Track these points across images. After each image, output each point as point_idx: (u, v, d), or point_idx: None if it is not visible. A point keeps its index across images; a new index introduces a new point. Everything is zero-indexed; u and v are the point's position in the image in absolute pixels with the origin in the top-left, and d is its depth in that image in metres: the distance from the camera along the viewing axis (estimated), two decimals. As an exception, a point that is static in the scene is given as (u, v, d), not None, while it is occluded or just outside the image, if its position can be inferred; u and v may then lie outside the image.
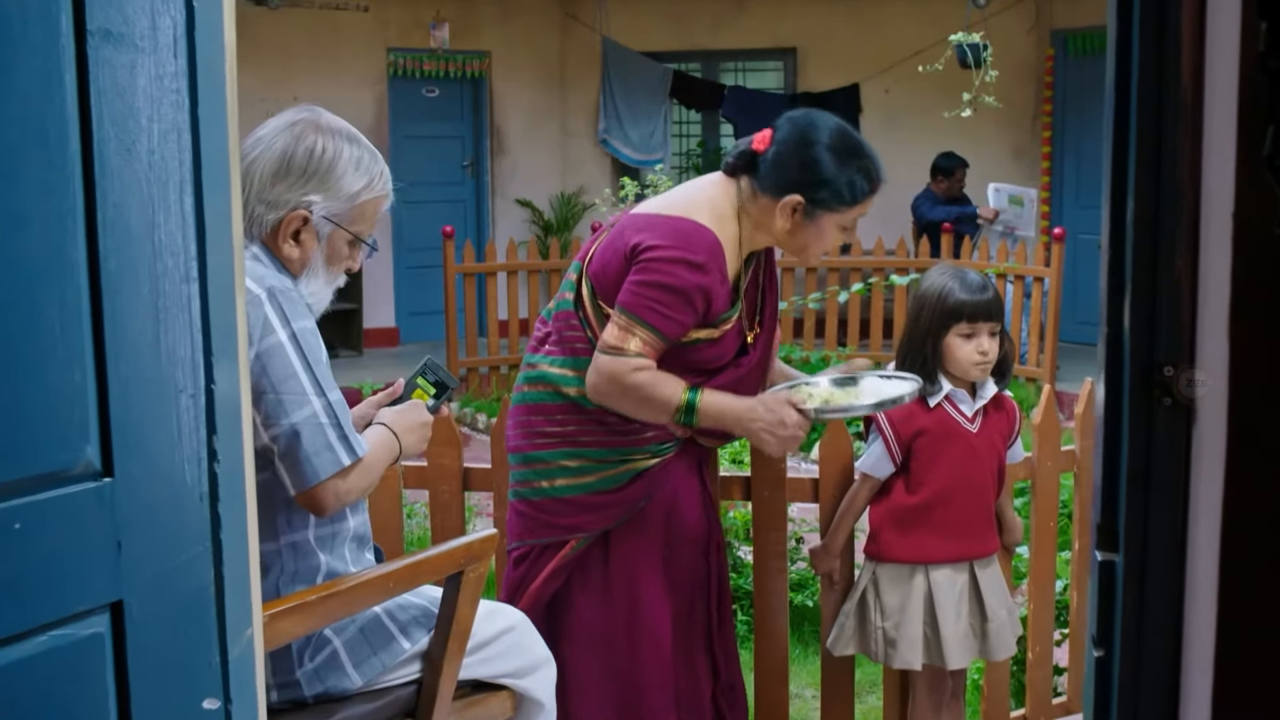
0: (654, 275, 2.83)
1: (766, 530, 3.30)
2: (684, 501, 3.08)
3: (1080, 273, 10.40)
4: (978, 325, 3.05)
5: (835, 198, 2.88)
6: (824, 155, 2.86)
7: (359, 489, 2.29)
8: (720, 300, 2.89)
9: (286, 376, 2.22)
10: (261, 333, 2.21)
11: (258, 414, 2.21)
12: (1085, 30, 10.52)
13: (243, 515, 1.64)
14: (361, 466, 2.29)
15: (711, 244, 2.86)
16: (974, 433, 3.12)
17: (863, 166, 2.89)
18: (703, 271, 2.83)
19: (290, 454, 2.22)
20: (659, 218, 2.91)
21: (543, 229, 11.42)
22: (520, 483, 3.07)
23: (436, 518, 3.49)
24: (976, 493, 3.12)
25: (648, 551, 3.04)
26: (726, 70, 11.77)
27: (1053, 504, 3.55)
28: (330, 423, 2.25)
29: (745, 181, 2.94)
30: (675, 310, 2.83)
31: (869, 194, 2.91)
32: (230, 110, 1.65)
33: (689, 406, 2.87)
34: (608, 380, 2.86)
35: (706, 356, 2.95)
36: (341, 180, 2.38)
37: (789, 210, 2.89)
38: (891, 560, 3.12)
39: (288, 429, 2.22)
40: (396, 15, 10.81)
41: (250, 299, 2.21)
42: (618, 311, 2.86)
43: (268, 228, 2.36)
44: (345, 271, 2.48)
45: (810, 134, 2.88)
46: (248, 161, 2.35)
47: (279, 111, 2.45)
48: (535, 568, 3.06)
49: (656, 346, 2.85)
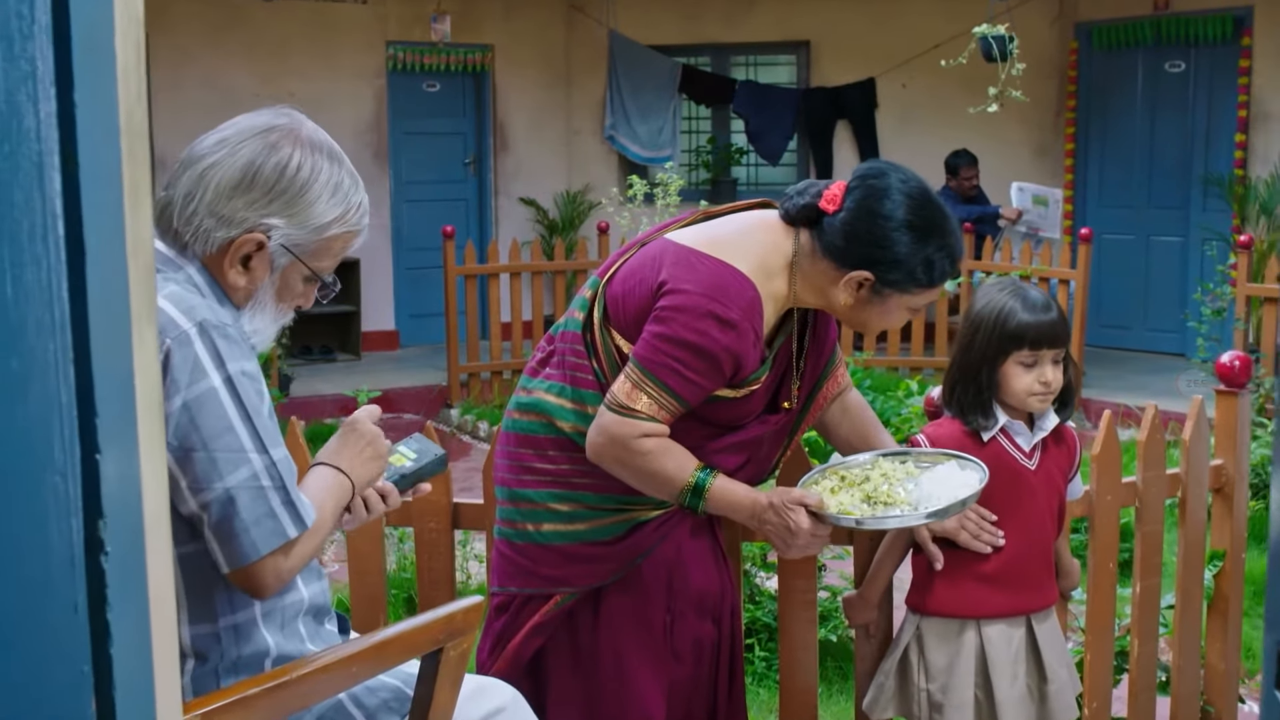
0: (678, 330, 2.45)
1: (793, 577, 2.92)
2: (691, 560, 2.69)
3: (1105, 274, 10.03)
4: (1041, 352, 2.68)
5: (910, 280, 2.51)
6: (900, 233, 2.47)
7: (305, 559, 1.92)
8: (750, 362, 2.52)
9: (220, 430, 1.85)
10: (190, 377, 1.84)
11: (184, 477, 1.84)
12: (1111, 23, 10.15)
13: (144, 617, 1.27)
14: (309, 534, 1.92)
15: (750, 300, 2.48)
16: (1032, 470, 2.74)
17: (945, 245, 2.51)
18: (734, 331, 2.45)
19: (224, 524, 1.85)
20: (697, 256, 2.51)
21: (547, 229, 11.10)
22: (505, 521, 2.71)
23: (422, 558, 3.12)
24: (1035, 537, 2.75)
25: (642, 617, 2.67)
26: (738, 64, 11.42)
27: (1113, 543, 3.17)
28: (273, 485, 1.88)
29: (806, 236, 2.55)
30: (698, 374, 2.46)
31: (948, 277, 2.55)
32: (127, 103, 1.28)
33: (697, 489, 2.52)
34: (609, 441, 2.49)
35: (725, 416, 2.59)
36: (313, 206, 2.00)
37: (854, 285, 2.52)
38: (938, 614, 2.74)
39: (221, 494, 1.85)
40: (396, 8, 10.48)
41: (176, 336, 1.84)
42: (632, 365, 2.49)
43: (214, 246, 1.98)
44: (295, 309, 2.10)
45: (886, 204, 2.48)
46: (204, 165, 1.97)
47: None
48: (516, 621, 2.69)
49: (671, 410, 2.48)
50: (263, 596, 1.90)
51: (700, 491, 2.52)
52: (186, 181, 1.97)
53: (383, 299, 10.64)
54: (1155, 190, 10.18)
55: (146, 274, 1.32)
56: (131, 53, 1.32)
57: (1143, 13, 9.95)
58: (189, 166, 1.98)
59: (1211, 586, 3.40)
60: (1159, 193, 10.16)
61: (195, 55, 9.72)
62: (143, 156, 1.31)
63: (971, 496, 2.50)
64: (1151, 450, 3.19)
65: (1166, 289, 10.06)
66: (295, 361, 9.44)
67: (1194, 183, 9.87)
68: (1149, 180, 10.21)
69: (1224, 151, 9.66)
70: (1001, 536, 2.70)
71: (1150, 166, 10.19)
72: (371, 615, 3.13)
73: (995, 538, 2.69)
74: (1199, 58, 9.85)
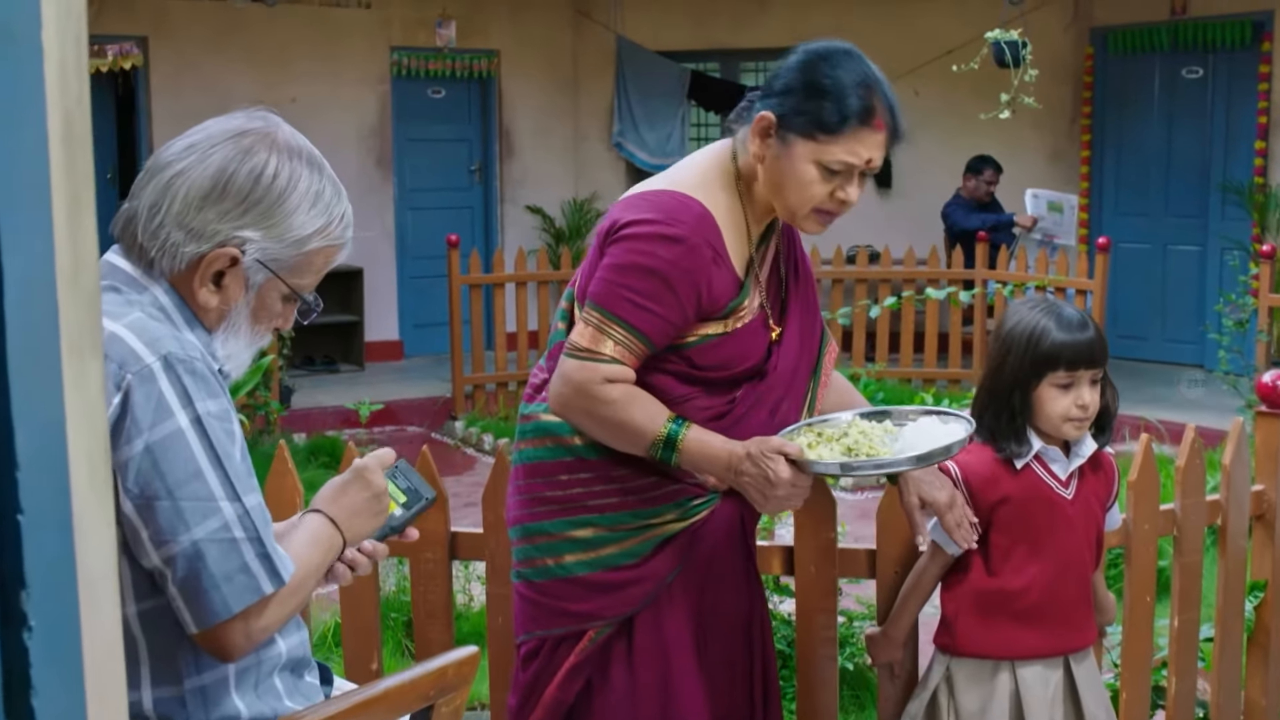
0: (623, 256, 2.29)
1: (813, 612, 2.74)
2: (721, 571, 2.50)
3: (1121, 284, 9.85)
4: (1078, 373, 2.50)
5: (806, 115, 2.28)
6: (809, 64, 2.30)
7: (280, 619, 1.74)
8: (721, 284, 2.34)
9: (187, 476, 1.66)
10: (153, 417, 1.66)
11: (145, 528, 1.66)
12: (1127, 28, 9.98)
13: (78, 699, 1.10)
14: (285, 592, 1.74)
15: (698, 215, 2.31)
16: (1068, 499, 2.56)
17: (856, 87, 2.28)
18: (683, 246, 2.27)
19: (191, 581, 1.67)
20: (638, 194, 2.40)
21: (553, 237, 10.94)
22: (523, 561, 2.51)
23: (418, 589, 2.95)
24: (1072, 571, 2.57)
25: (679, 636, 2.48)
26: (747, 70, 11.26)
27: (1150, 575, 2.99)
28: (246, 536, 1.69)
29: (742, 131, 2.41)
30: (653, 300, 2.27)
31: (857, 123, 2.27)
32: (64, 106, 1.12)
33: (669, 441, 2.31)
34: (574, 391, 2.31)
35: (722, 357, 2.38)
36: (291, 217, 1.81)
37: (760, 130, 2.33)
38: (970, 654, 2.56)
39: (187, 547, 1.66)
40: (400, 12, 10.33)
41: (138, 371, 1.66)
42: (588, 306, 2.32)
43: (183, 263, 1.79)
44: (274, 330, 1.92)
45: (815, 50, 2.34)
46: (171, 173, 1.78)
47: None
48: (550, 666, 2.49)
49: (635, 350, 2.30)
50: (231, 660, 1.72)
51: (673, 444, 2.31)
52: (152, 191, 1.79)
53: (386, 308, 10.49)
54: (1172, 198, 10.00)
55: (89, 301, 1.16)
56: (70, 49, 1.16)
57: (1159, 18, 9.78)
58: (155, 174, 1.80)
59: (1252, 618, 3.22)
60: (1176, 201, 9.98)
61: (195, 61, 9.57)
62: (84, 168, 1.15)
63: (958, 443, 2.31)
64: (1191, 476, 3.01)
65: (1184, 299, 9.88)
66: (297, 372, 9.27)
67: (1212, 191, 9.69)
68: (1166, 188, 10.03)
69: (1243, 159, 9.48)
70: (975, 540, 2.52)
71: (1167, 174, 10.02)
72: (364, 649, 2.96)
73: (971, 535, 2.50)
74: (1217, 63, 9.67)
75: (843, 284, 9.12)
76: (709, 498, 2.44)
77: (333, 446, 7.57)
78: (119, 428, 1.63)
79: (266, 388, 7.45)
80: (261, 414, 7.36)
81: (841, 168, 2.30)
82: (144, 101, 9.66)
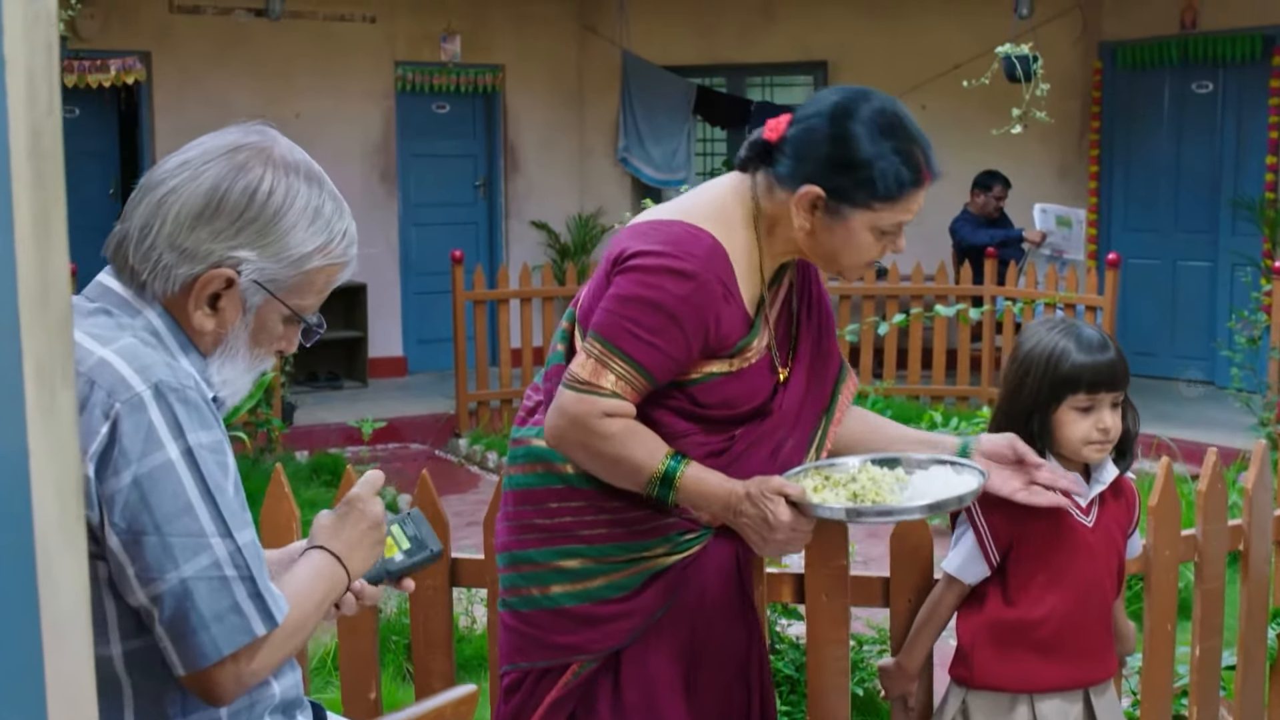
0: (629, 288, 2.21)
1: (824, 643, 2.65)
2: (715, 608, 2.42)
3: (1130, 299, 9.76)
4: (1099, 396, 2.42)
5: (863, 188, 2.20)
6: (855, 131, 2.20)
7: (275, 663, 1.66)
8: (730, 322, 2.26)
9: (177, 511, 1.59)
10: (143, 448, 1.58)
11: (132, 564, 1.59)
12: (1136, 42, 9.91)
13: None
14: (280, 634, 1.66)
15: (709, 249, 2.23)
16: (1089, 527, 2.48)
17: (904, 149, 2.22)
18: (693, 282, 2.20)
19: (179, 621, 1.59)
20: (649, 224, 2.30)
21: (559, 253, 10.87)
22: (509, 590, 2.44)
23: (417, 618, 2.87)
24: (1093, 601, 2.48)
25: (667, 674, 2.40)
26: (753, 85, 11.20)
27: (1171, 602, 2.91)
28: (238, 575, 1.61)
29: (761, 175, 2.31)
30: (659, 335, 2.20)
31: (912, 187, 2.23)
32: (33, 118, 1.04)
33: (666, 478, 2.24)
34: (570, 423, 2.24)
35: (726, 396, 2.31)
36: (289, 235, 1.73)
37: (807, 204, 2.24)
38: (986, 687, 2.47)
39: (175, 585, 1.58)
40: (405, 27, 10.28)
41: (128, 400, 1.59)
42: (590, 337, 2.24)
43: (176, 285, 1.71)
44: (277, 354, 1.84)
45: (843, 108, 2.23)
46: (163, 191, 1.71)
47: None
48: (532, 700, 2.42)
49: (637, 385, 2.22)
50: (221, 705, 1.64)
51: (670, 481, 2.24)
52: (144, 211, 1.72)
53: (390, 324, 10.42)
54: (1182, 214, 9.92)
55: (60, 326, 1.08)
56: (40, 58, 1.08)
57: (1169, 32, 9.71)
58: (147, 193, 1.73)
59: (1275, 647, 3.14)
60: (1186, 216, 9.90)
61: (198, 75, 9.52)
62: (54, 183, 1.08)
63: (971, 493, 2.24)
64: (1213, 501, 2.93)
65: (1194, 315, 9.79)
66: (300, 389, 9.20)
67: (1223, 206, 9.61)
68: (1175, 203, 9.95)
69: (1254, 174, 9.40)
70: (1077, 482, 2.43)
71: (1177, 189, 9.94)
72: (363, 678, 2.88)
73: (1056, 495, 2.38)
74: (1227, 78, 9.60)
75: (850, 300, 9.05)
76: (701, 533, 2.37)
77: (335, 464, 7.49)
78: (107, 458, 1.57)
79: (268, 405, 7.37)
80: (263, 431, 7.29)
81: (896, 228, 2.28)
82: (147, 117, 9.60)
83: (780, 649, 4.07)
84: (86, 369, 1.59)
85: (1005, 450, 2.41)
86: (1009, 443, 2.42)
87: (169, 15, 9.50)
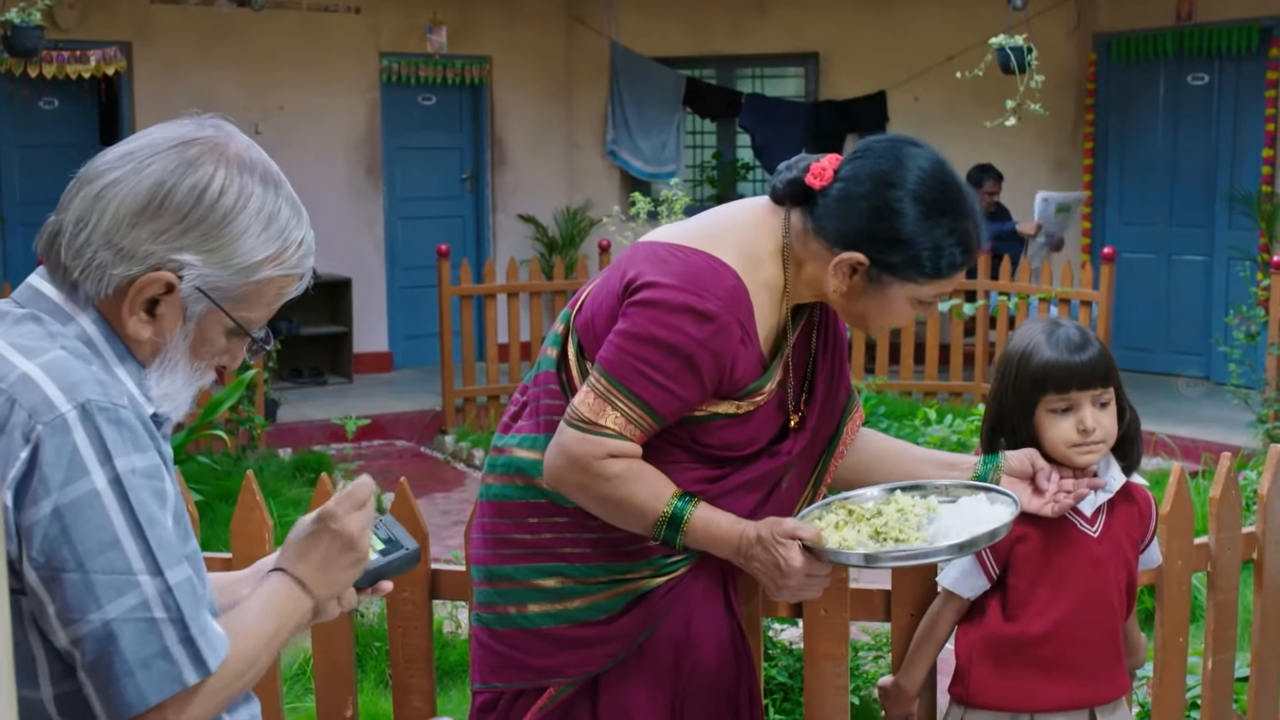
0: (645, 326, 2.08)
1: (822, 659, 2.53)
2: (701, 634, 2.29)
3: (1124, 294, 9.66)
4: (1071, 395, 2.30)
5: (912, 265, 2.10)
6: (907, 206, 2.08)
7: (212, 711, 1.52)
8: (746, 365, 2.14)
9: (101, 546, 1.45)
10: (65, 475, 1.45)
11: (52, 603, 1.45)
12: (1131, 34, 9.81)
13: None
14: (216, 681, 1.52)
15: (732, 289, 2.10)
16: (1094, 537, 2.36)
17: (958, 229, 2.11)
18: (713, 325, 2.08)
19: (101, 666, 1.45)
20: (669, 248, 2.15)
21: (546, 247, 10.76)
22: (484, 605, 2.32)
23: (395, 632, 2.75)
24: (1100, 617, 2.36)
25: (648, 703, 2.28)
26: (744, 77, 11.08)
27: (1183, 614, 2.79)
28: (167, 617, 1.47)
29: (797, 215, 2.17)
30: (669, 378, 2.08)
31: (961, 267, 2.14)
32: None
33: (673, 520, 2.13)
34: (569, 464, 2.12)
35: (729, 439, 2.20)
36: (239, 240, 1.59)
37: (845, 269, 2.12)
38: (984, 706, 2.36)
39: (98, 628, 1.45)
40: (390, 18, 10.14)
41: (50, 422, 1.46)
42: (596, 372, 2.12)
43: (110, 286, 1.57)
44: (217, 369, 1.69)
45: (893, 173, 2.10)
46: (103, 183, 1.57)
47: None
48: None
49: (643, 426, 2.10)
50: None
51: (678, 523, 2.13)
52: (80, 203, 1.58)
53: (376, 320, 10.29)
54: (1178, 207, 9.83)
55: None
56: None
57: (1164, 24, 9.60)
58: (85, 184, 1.59)
59: (1289, 658, 3.02)
60: (1181, 210, 9.80)
61: (181, 67, 9.37)
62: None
63: (1003, 528, 2.11)
64: (1226, 509, 2.81)
65: (1190, 310, 9.69)
66: (283, 385, 9.06)
67: (1219, 199, 9.51)
68: (1171, 197, 9.85)
69: (1250, 167, 9.30)
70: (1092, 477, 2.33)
71: (1172, 183, 9.84)
72: (338, 695, 2.76)
73: (1066, 500, 2.30)
74: (1223, 70, 9.49)
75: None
76: (687, 555, 2.25)
77: (320, 462, 7.36)
78: (26, 486, 1.43)
79: (251, 401, 7.24)
80: (245, 429, 7.15)
81: (936, 298, 2.18)
82: (127, 109, 9.44)
83: (773, 654, 3.95)
84: (8, 385, 1.46)
85: (1028, 467, 2.31)
86: (1030, 458, 2.32)
87: (150, 5, 9.35)
